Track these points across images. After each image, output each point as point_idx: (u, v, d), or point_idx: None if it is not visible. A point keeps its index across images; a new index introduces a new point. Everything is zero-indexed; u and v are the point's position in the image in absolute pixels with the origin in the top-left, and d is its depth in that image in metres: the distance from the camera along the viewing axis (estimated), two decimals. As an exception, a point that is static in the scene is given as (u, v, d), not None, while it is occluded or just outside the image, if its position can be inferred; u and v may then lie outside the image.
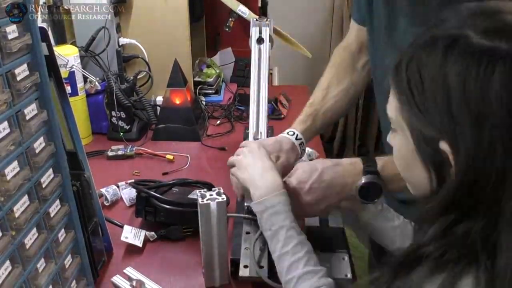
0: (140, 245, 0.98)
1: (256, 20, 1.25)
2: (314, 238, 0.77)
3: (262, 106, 1.12)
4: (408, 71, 0.54)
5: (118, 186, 1.19)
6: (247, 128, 1.27)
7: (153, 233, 1.02)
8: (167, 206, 1.01)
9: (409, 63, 0.54)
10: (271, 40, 1.23)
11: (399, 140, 0.60)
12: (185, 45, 1.60)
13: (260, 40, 1.21)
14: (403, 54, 0.56)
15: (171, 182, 1.11)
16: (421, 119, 0.53)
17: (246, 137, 1.27)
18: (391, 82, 0.58)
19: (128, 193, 1.17)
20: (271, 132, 1.39)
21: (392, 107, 0.59)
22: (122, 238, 0.98)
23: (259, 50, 1.20)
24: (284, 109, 1.66)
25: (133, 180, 1.14)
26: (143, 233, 1.01)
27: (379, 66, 0.99)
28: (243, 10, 1.45)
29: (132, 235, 1.00)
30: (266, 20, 1.25)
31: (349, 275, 0.85)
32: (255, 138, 1.07)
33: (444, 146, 0.51)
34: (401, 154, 0.61)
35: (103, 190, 1.15)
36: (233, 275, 0.89)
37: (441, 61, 0.51)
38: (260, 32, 1.22)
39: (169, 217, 1.02)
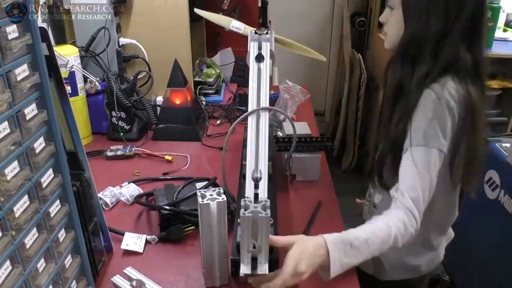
0: (141, 251, 0.98)
1: (255, 33, 1.07)
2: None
3: (262, 138, 0.90)
4: None
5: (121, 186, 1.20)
6: (247, 128, 1.26)
7: (154, 236, 1.01)
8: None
9: None
10: (272, 56, 1.03)
11: (395, 13, 0.97)
12: (185, 45, 1.60)
13: (259, 58, 1.01)
14: None
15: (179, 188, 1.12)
16: None
17: (246, 136, 1.25)
18: None
19: (128, 192, 1.17)
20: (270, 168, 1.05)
21: None
22: (123, 246, 0.98)
23: (259, 69, 0.99)
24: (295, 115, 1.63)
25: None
26: (144, 237, 1.01)
27: None
28: (237, 25, 1.25)
29: (132, 241, 1.00)
30: (267, 32, 1.06)
31: None
32: (254, 178, 0.85)
33: None
34: (396, 21, 0.97)
35: (100, 195, 1.12)
36: (233, 275, 0.89)
37: None
38: (260, 48, 1.03)
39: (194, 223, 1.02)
